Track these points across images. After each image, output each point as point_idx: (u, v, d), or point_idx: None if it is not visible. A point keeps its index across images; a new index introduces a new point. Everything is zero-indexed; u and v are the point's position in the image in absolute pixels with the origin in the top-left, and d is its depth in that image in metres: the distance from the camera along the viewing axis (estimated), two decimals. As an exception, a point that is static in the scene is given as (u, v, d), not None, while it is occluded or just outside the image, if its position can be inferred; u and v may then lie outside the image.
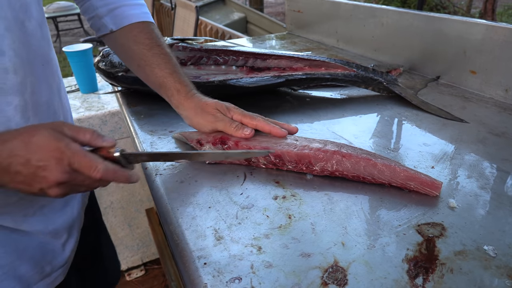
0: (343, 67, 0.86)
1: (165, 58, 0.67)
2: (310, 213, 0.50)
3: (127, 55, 0.70)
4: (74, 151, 0.45)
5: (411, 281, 0.40)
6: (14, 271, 0.56)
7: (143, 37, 0.67)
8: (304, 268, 0.42)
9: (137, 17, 0.68)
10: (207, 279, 0.41)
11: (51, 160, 0.44)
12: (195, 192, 0.56)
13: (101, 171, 0.46)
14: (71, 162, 0.45)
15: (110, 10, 0.67)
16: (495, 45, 0.82)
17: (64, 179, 0.45)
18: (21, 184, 0.45)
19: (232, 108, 0.63)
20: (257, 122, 0.61)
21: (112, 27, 0.68)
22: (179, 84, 0.65)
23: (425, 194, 0.53)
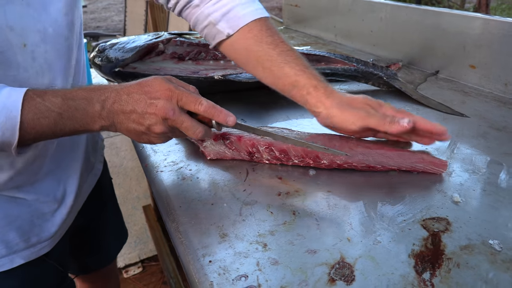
0: (343, 61, 0.86)
1: (293, 54, 0.61)
2: (314, 209, 0.50)
3: (250, 58, 0.64)
4: (182, 91, 0.51)
5: (419, 276, 0.40)
6: (3, 236, 0.59)
7: (265, 35, 0.62)
8: (310, 264, 0.42)
9: (253, 15, 0.63)
10: (213, 277, 0.41)
11: (162, 97, 0.49)
12: (197, 189, 0.55)
13: (205, 104, 0.51)
14: (179, 99, 0.50)
15: (224, 14, 0.63)
16: (495, 39, 0.82)
17: (169, 115, 0.49)
18: (133, 122, 0.50)
19: (383, 104, 0.58)
20: (414, 118, 0.55)
21: (228, 31, 0.64)
22: (315, 80, 0.59)
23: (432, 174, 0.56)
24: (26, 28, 0.51)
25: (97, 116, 0.49)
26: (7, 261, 0.61)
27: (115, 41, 0.94)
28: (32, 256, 0.64)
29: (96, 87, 0.50)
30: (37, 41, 0.53)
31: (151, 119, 0.50)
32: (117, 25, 6.96)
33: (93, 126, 0.50)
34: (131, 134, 0.52)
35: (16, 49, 0.50)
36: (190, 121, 0.51)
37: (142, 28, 3.55)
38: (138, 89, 0.50)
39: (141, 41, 0.89)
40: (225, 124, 0.53)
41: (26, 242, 0.62)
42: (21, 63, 0.51)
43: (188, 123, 0.51)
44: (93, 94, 0.49)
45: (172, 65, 0.88)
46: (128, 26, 3.86)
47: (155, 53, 0.90)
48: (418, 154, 0.56)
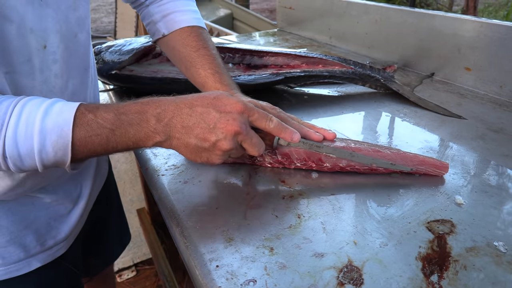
0: (341, 64, 0.86)
1: (209, 58, 0.68)
2: (319, 212, 0.50)
3: (177, 58, 0.71)
4: (252, 106, 0.51)
5: (427, 279, 0.40)
6: (20, 239, 0.60)
7: (191, 40, 0.69)
8: (318, 268, 0.41)
9: (187, 22, 0.70)
10: (221, 282, 0.40)
11: (233, 111, 0.48)
12: (200, 192, 0.55)
13: (274, 121, 0.52)
14: (250, 114, 0.50)
15: (164, 16, 0.71)
16: (490, 42, 0.84)
17: (242, 129, 0.48)
18: (195, 138, 0.48)
19: (268, 109, 0.59)
20: (290, 125, 0.57)
21: (164, 31, 0.71)
22: (219, 84, 0.65)
23: (433, 176, 0.57)
24: (47, 29, 0.50)
25: (152, 131, 0.47)
26: (25, 265, 0.62)
27: (111, 43, 0.93)
28: (49, 258, 0.65)
29: (151, 100, 0.48)
30: (57, 42, 0.52)
31: (220, 134, 0.47)
32: (106, 27, 6.90)
33: (147, 142, 0.47)
34: (189, 150, 0.49)
35: (34, 51, 0.49)
36: (258, 137, 0.51)
37: (133, 30, 3.53)
38: (202, 101, 0.48)
39: (138, 43, 0.88)
40: (290, 142, 0.54)
41: (42, 245, 0.63)
42: (37, 66, 0.50)
43: (256, 140, 0.51)
44: (147, 108, 0.47)
45: (169, 67, 0.87)
46: (119, 28, 3.83)
47: (152, 55, 0.90)
48: (420, 157, 0.57)
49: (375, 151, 0.57)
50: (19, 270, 0.61)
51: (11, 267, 0.61)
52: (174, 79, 0.83)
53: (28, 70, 0.49)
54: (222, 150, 0.48)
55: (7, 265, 0.60)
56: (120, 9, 3.83)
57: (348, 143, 0.58)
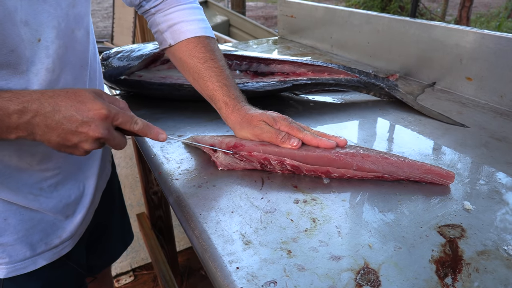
0: (346, 72, 0.88)
1: (217, 71, 0.68)
2: (333, 216, 0.51)
3: (184, 69, 0.71)
4: (117, 111, 0.52)
5: (441, 281, 0.41)
6: (27, 238, 0.62)
7: (198, 51, 0.69)
8: (336, 270, 0.43)
9: (193, 32, 0.70)
10: (242, 283, 0.41)
11: (96, 117, 0.49)
12: (215, 196, 0.56)
13: (139, 123, 0.55)
14: (115, 119, 0.52)
15: (170, 26, 0.71)
16: (490, 53, 0.86)
17: (104, 135, 0.50)
18: (57, 137, 0.49)
19: (279, 119, 0.62)
20: (303, 136, 0.60)
21: (170, 41, 0.71)
22: (227, 97, 0.66)
23: (440, 184, 0.58)
24: (42, 24, 0.52)
25: (14, 127, 0.47)
26: (31, 263, 0.63)
27: (119, 49, 0.94)
28: (55, 256, 0.66)
29: (13, 95, 0.48)
30: (52, 37, 0.54)
31: (82, 137, 0.50)
32: (101, 32, 6.90)
33: (9, 136, 0.48)
34: (52, 145, 0.51)
35: (27, 44, 0.51)
36: (120, 137, 0.54)
37: (131, 35, 3.53)
38: (67, 103, 0.49)
39: (146, 49, 0.90)
40: (157, 140, 0.58)
41: (48, 243, 0.64)
42: (29, 58, 0.52)
43: (119, 140, 0.54)
44: (8, 104, 0.46)
45: (178, 73, 0.88)
46: (116, 33, 3.83)
47: (161, 61, 0.91)
48: (427, 166, 0.58)
49: (383, 158, 0.58)
50: (25, 268, 0.63)
51: (18, 265, 0.62)
52: (182, 85, 0.84)
53: (13, 61, 0.51)
54: (84, 149, 0.51)
55: (13, 263, 0.62)
56: (118, 14, 3.83)
57: (357, 149, 0.60)
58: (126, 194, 1.64)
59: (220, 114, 0.68)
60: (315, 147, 0.59)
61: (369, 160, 0.58)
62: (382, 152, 0.60)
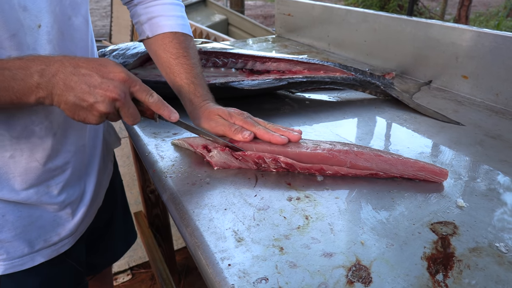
0: (342, 70, 0.88)
1: (188, 68, 0.69)
2: (326, 214, 0.51)
3: (158, 62, 0.73)
4: (136, 77, 0.53)
5: (432, 277, 0.41)
6: (25, 235, 0.62)
7: (172, 46, 0.70)
8: (328, 267, 0.43)
9: (170, 28, 0.71)
10: (234, 280, 0.41)
11: (116, 79, 0.50)
12: (209, 194, 0.56)
13: (155, 96, 0.55)
14: (132, 85, 0.52)
15: (149, 19, 0.72)
16: (486, 51, 0.86)
17: (121, 97, 0.51)
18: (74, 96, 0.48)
19: (234, 114, 0.64)
20: (256, 130, 0.62)
21: (148, 33, 0.72)
22: (193, 95, 0.68)
23: (433, 182, 0.58)
24: (42, 10, 0.52)
25: (35, 86, 0.47)
26: (29, 260, 0.64)
27: (114, 47, 0.94)
28: (53, 254, 0.66)
29: (36, 57, 0.48)
30: (51, 22, 0.54)
31: (99, 97, 0.49)
32: (100, 30, 6.89)
33: (30, 97, 0.48)
34: (68, 107, 0.50)
35: (27, 30, 0.51)
36: (135, 108, 0.54)
37: (129, 34, 3.53)
38: (88, 64, 0.49)
39: (142, 47, 0.89)
40: (168, 120, 0.57)
41: (47, 241, 0.64)
42: (31, 45, 0.52)
43: (133, 111, 0.54)
44: (31, 64, 0.47)
45: (174, 71, 0.88)
46: (114, 31, 3.83)
47: (156, 59, 0.91)
48: (420, 163, 0.58)
49: (377, 155, 0.59)
50: (23, 264, 0.63)
51: (15, 262, 0.62)
52: (178, 83, 0.84)
53: (15, 47, 0.51)
54: (99, 111, 0.50)
55: (11, 259, 0.62)
56: (116, 13, 3.83)
57: (351, 147, 0.60)
58: (124, 192, 1.64)
59: (186, 110, 0.69)
60: (267, 142, 0.61)
61: (363, 158, 0.58)
62: (376, 149, 0.60)
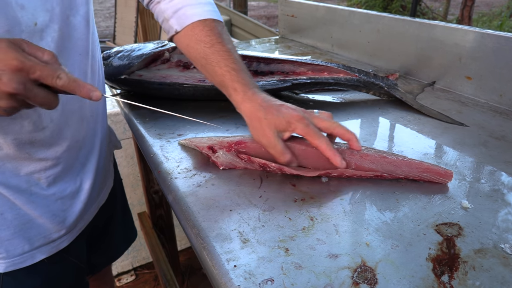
0: (345, 71, 0.88)
1: (225, 55, 0.64)
2: (331, 215, 0.51)
3: (192, 55, 0.68)
4: (34, 62, 0.44)
5: (438, 279, 0.41)
6: (24, 233, 0.62)
7: (204, 35, 0.66)
8: (333, 268, 0.43)
9: (198, 16, 0.67)
10: (239, 281, 0.42)
11: (8, 69, 0.43)
12: (214, 195, 0.56)
13: (64, 78, 0.46)
14: (31, 72, 0.44)
15: (175, 12, 0.68)
16: (490, 52, 0.86)
17: (18, 90, 0.43)
18: None
19: (294, 122, 0.57)
20: (319, 143, 0.56)
21: (176, 27, 0.68)
22: (237, 83, 0.61)
23: (438, 183, 0.58)
24: (37, 8, 0.53)
25: None
26: (29, 257, 0.64)
27: (119, 48, 0.95)
28: (53, 250, 0.67)
29: None
30: (46, 21, 0.54)
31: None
32: (103, 31, 6.92)
33: None
34: None
35: (24, 27, 0.52)
36: (46, 95, 0.46)
37: (133, 35, 3.54)
38: None
39: (147, 49, 0.90)
40: (90, 99, 0.49)
41: (46, 237, 0.65)
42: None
43: (43, 99, 0.46)
44: None
45: (178, 73, 0.89)
46: (118, 32, 3.84)
47: (161, 61, 0.91)
48: (425, 164, 0.58)
49: (382, 157, 0.59)
50: (23, 262, 0.63)
51: (16, 260, 0.63)
52: (182, 84, 0.85)
53: None
54: (1, 107, 0.45)
55: (11, 257, 0.62)
56: (120, 14, 3.84)
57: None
58: (127, 193, 1.64)
59: (231, 101, 0.63)
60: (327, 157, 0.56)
61: (368, 159, 0.58)
62: (380, 151, 0.60)
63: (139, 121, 0.81)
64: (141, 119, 0.82)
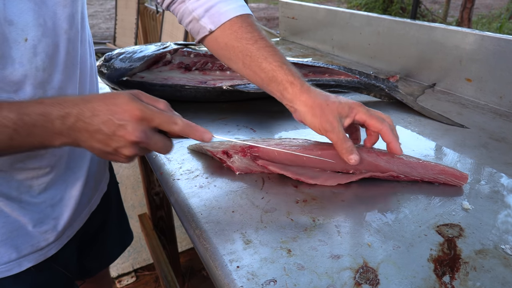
0: (346, 73, 0.89)
1: (272, 50, 0.62)
2: (333, 216, 0.52)
3: (231, 55, 0.65)
4: (153, 111, 0.48)
5: (439, 279, 0.42)
6: (11, 241, 0.60)
7: (245, 31, 0.63)
8: (335, 269, 0.43)
9: (234, 12, 0.64)
10: (242, 282, 0.42)
11: (132, 120, 0.46)
12: (216, 197, 0.57)
13: (180, 124, 0.49)
14: (150, 120, 0.47)
15: (206, 10, 0.65)
16: (490, 54, 0.87)
17: (141, 138, 0.47)
18: (98, 143, 0.47)
19: (356, 107, 0.58)
20: (382, 127, 0.57)
21: (210, 27, 0.65)
22: (291, 76, 0.60)
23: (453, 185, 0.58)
24: (28, 23, 0.51)
25: (57, 133, 0.46)
26: (16, 265, 0.62)
27: (121, 50, 0.95)
28: (40, 258, 0.65)
29: (55, 100, 0.47)
30: (39, 36, 0.52)
31: (120, 142, 0.47)
32: (104, 33, 6.93)
33: (53, 143, 0.47)
34: (96, 152, 0.49)
35: (12, 43, 0.50)
36: (163, 141, 0.50)
37: (133, 36, 3.55)
38: (103, 107, 0.47)
39: (148, 51, 0.90)
40: (201, 141, 0.52)
41: (34, 246, 0.63)
42: (16, 59, 0.51)
43: (161, 144, 0.50)
44: (51, 109, 0.46)
45: (179, 75, 0.89)
46: (118, 34, 3.85)
47: (163, 63, 0.92)
48: (441, 166, 0.58)
49: (397, 158, 0.59)
50: (10, 270, 0.62)
51: (2, 268, 0.61)
52: (184, 86, 0.85)
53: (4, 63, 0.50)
54: (125, 155, 0.49)
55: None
56: (120, 16, 3.85)
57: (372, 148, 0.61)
58: (128, 194, 1.65)
59: (282, 96, 0.61)
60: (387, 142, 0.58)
61: (385, 159, 0.59)
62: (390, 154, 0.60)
63: (141, 123, 0.81)
64: (143, 121, 0.82)
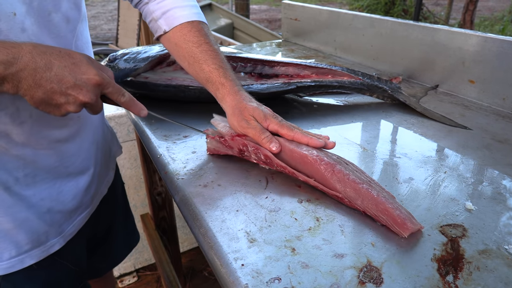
0: (349, 75, 0.89)
1: (212, 54, 0.69)
2: (336, 216, 0.52)
3: (179, 54, 0.72)
4: (109, 79, 0.53)
5: (443, 279, 0.42)
6: (11, 237, 0.61)
7: (192, 36, 0.70)
8: (339, 268, 0.44)
9: (186, 17, 0.71)
10: (247, 280, 0.42)
11: (89, 83, 0.50)
12: (220, 195, 0.57)
13: (127, 97, 0.57)
14: (105, 87, 0.53)
15: (163, 13, 0.72)
16: (493, 56, 0.87)
17: (92, 101, 0.51)
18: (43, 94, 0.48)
19: (270, 117, 0.63)
20: (294, 134, 0.61)
21: (165, 28, 0.72)
22: (224, 78, 0.67)
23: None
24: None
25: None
26: (17, 262, 0.63)
27: (125, 50, 0.96)
28: (43, 255, 0.65)
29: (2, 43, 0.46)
30: (24, 12, 0.53)
31: (69, 99, 0.49)
32: (106, 34, 6.95)
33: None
34: (34, 101, 0.49)
35: (2, 16, 0.51)
36: (101, 106, 0.56)
37: (135, 37, 3.56)
38: (60, 62, 0.48)
39: (153, 51, 0.91)
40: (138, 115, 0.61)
41: (35, 242, 0.64)
42: (4, 31, 0.51)
43: (99, 108, 0.56)
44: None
45: (183, 75, 0.90)
46: (121, 35, 3.86)
47: (166, 63, 0.92)
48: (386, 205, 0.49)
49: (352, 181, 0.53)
50: (12, 267, 0.62)
51: (3, 264, 0.62)
52: (188, 86, 0.85)
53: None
54: (67, 111, 0.51)
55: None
56: (123, 17, 3.86)
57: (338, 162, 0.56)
58: (130, 195, 1.66)
59: (215, 96, 0.69)
60: (305, 145, 0.60)
61: (336, 178, 0.54)
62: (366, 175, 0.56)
63: (145, 123, 0.82)
64: (147, 121, 0.83)
